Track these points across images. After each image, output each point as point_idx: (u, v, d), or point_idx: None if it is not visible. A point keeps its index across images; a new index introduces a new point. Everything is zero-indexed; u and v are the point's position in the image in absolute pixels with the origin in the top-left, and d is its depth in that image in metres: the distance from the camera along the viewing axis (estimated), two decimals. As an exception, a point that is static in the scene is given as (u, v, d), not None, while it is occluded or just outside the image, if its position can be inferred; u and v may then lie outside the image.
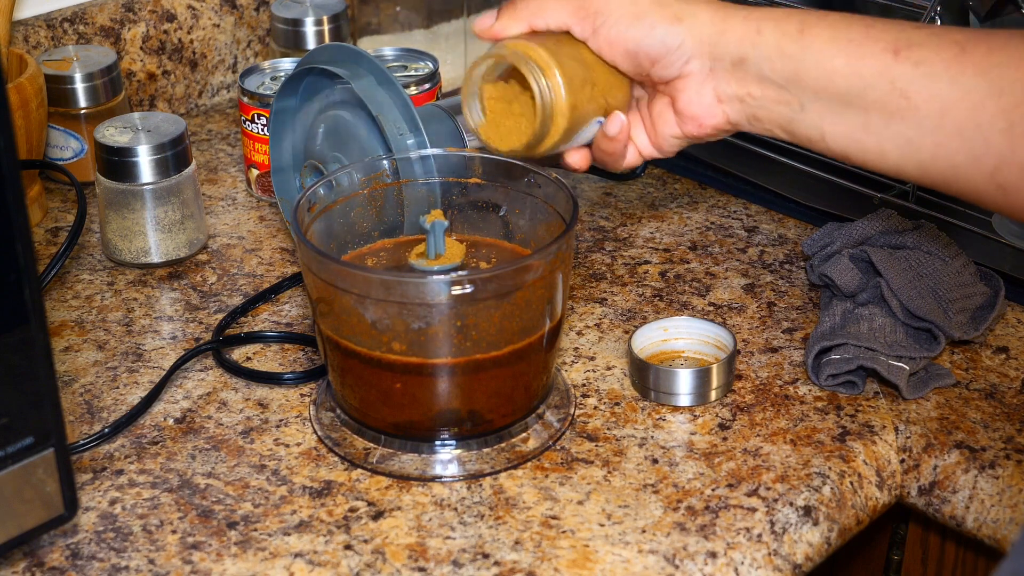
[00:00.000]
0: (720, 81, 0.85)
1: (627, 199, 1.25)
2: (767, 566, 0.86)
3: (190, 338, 1.05)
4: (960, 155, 0.77)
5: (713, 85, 0.85)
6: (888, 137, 0.80)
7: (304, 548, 0.85)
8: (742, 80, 0.84)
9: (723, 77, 0.84)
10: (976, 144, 0.76)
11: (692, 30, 0.84)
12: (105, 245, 1.15)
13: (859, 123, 0.80)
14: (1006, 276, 1.08)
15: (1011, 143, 0.75)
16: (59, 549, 0.85)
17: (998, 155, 0.75)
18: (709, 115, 0.86)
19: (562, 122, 0.86)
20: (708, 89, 0.85)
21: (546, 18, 0.87)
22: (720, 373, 0.97)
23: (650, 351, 1.00)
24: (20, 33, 1.27)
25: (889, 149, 0.80)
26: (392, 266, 0.97)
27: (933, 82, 0.77)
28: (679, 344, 1.01)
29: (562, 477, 0.91)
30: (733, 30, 0.83)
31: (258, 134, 1.22)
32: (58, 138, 1.25)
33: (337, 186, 0.96)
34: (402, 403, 0.90)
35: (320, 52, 1.06)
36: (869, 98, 0.79)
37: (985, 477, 0.92)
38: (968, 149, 0.77)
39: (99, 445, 0.94)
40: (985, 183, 0.77)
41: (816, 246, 1.09)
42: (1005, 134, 0.75)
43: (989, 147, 0.76)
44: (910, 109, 0.78)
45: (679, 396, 0.97)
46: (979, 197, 0.78)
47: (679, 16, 0.84)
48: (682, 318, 1.02)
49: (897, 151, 0.80)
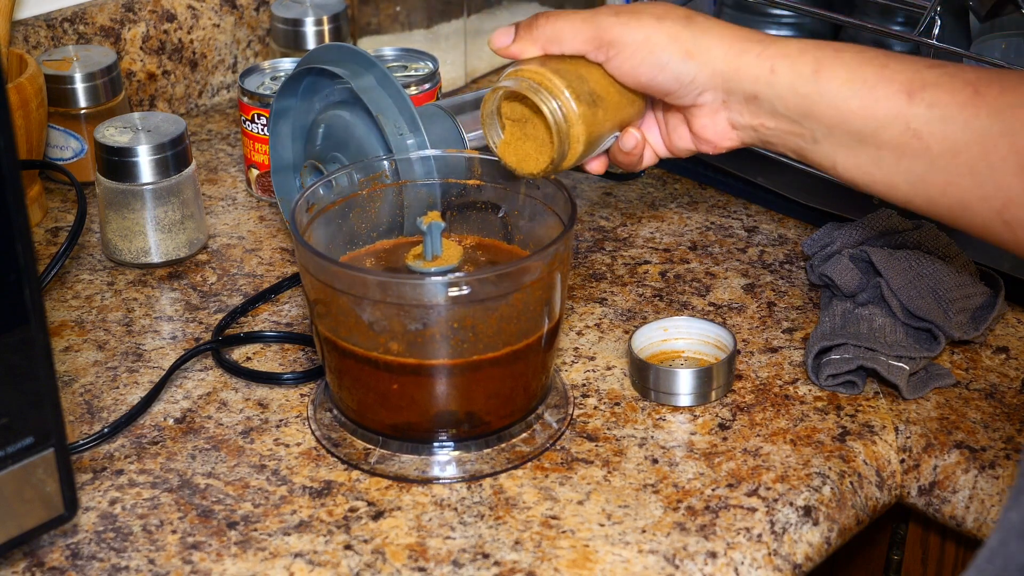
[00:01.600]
0: (733, 112, 0.86)
1: (627, 199, 1.25)
2: (767, 566, 0.86)
3: (190, 338, 1.05)
4: (970, 193, 0.78)
5: (727, 115, 0.87)
6: (899, 172, 0.81)
7: (304, 548, 0.85)
8: (755, 113, 0.85)
9: (736, 109, 0.86)
10: (986, 183, 0.77)
11: (705, 66, 0.85)
12: (105, 245, 1.15)
13: (871, 158, 0.82)
14: (1006, 276, 1.08)
15: (1021, 182, 0.75)
16: (59, 549, 0.85)
17: (1007, 194, 0.76)
18: (723, 139, 0.88)
19: (577, 147, 0.89)
20: (722, 117, 0.87)
21: (562, 45, 0.88)
22: (720, 373, 0.97)
23: (650, 351, 1.00)
24: (20, 33, 1.27)
25: (899, 183, 0.81)
26: (390, 267, 0.97)
27: (947, 124, 0.78)
28: (679, 344, 1.01)
29: (562, 477, 0.91)
30: (747, 68, 0.84)
31: (258, 134, 1.22)
32: (58, 138, 1.25)
33: (336, 186, 0.96)
34: (400, 405, 0.90)
35: (320, 52, 1.06)
36: (882, 138, 0.80)
37: (985, 477, 0.92)
38: (978, 187, 0.77)
39: (99, 445, 0.94)
40: (993, 219, 0.78)
41: (816, 246, 1.09)
42: (1016, 174, 0.76)
43: (999, 186, 0.76)
44: (923, 149, 0.79)
45: (679, 396, 0.97)
46: (986, 232, 0.79)
47: (692, 52, 0.85)
48: (682, 318, 1.02)
49: (907, 185, 0.81)
